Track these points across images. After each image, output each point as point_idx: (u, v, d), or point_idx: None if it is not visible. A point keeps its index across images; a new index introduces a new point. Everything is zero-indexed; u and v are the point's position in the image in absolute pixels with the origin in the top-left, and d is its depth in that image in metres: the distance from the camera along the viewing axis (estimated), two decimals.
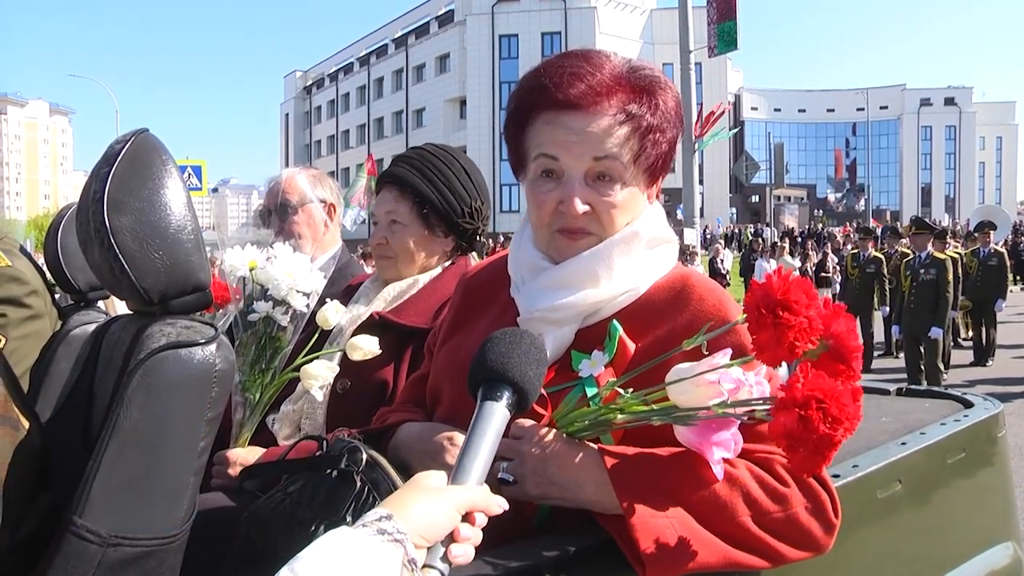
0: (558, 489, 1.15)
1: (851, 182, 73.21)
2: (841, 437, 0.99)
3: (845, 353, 1.05)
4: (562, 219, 1.29)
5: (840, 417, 0.98)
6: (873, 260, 11.77)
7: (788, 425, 0.99)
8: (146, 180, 1.15)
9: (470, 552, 0.88)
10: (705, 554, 1.10)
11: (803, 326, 1.00)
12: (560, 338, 1.30)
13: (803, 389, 0.99)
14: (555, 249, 1.33)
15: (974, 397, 2.09)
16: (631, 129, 1.26)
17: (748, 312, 1.04)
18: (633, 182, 1.30)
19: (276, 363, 1.83)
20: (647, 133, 1.28)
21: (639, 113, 1.27)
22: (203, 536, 1.36)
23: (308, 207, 2.49)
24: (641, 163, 1.29)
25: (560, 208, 1.28)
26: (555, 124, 1.27)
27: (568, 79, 1.26)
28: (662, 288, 1.33)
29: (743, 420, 1.08)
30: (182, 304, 1.18)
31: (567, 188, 1.27)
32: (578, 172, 1.27)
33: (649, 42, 50.06)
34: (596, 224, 1.30)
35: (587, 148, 1.25)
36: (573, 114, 1.25)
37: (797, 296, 1.01)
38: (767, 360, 1.03)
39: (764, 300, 1.02)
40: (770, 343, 1.01)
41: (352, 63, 61.87)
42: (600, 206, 1.28)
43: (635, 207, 1.33)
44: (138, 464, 1.07)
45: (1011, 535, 1.95)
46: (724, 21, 17.99)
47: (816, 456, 1.00)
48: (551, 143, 1.27)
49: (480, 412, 1.00)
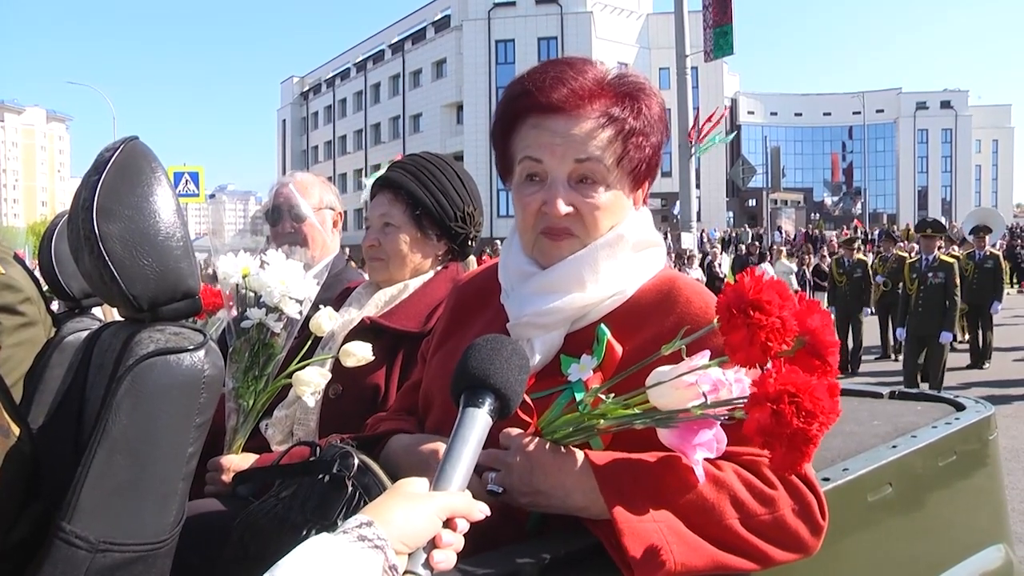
0: (545, 497, 1.16)
1: (848, 186, 73.27)
2: (817, 431, 0.97)
3: (820, 348, 1.03)
4: (545, 220, 1.31)
5: (814, 411, 0.96)
6: (859, 264, 11.80)
7: (762, 421, 0.98)
8: (135, 187, 1.16)
9: (452, 558, 0.88)
10: (693, 557, 1.10)
11: (776, 326, 0.99)
12: (549, 342, 1.31)
13: (775, 384, 0.98)
14: (539, 252, 1.35)
15: (966, 400, 2.10)
16: (614, 132, 1.29)
17: (720, 313, 1.03)
18: (617, 185, 1.32)
19: (269, 370, 1.83)
20: (630, 136, 1.30)
21: (621, 116, 1.29)
22: (196, 541, 1.36)
23: (321, 212, 2.52)
24: (624, 166, 1.31)
25: (544, 209, 1.30)
26: (539, 128, 1.30)
27: (551, 83, 1.28)
28: (649, 291, 1.35)
29: (722, 420, 1.08)
30: (172, 311, 1.18)
31: (551, 190, 1.29)
32: (561, 174, 1.29)
33: (645, 47, 50.10)
34: (579, 226, 1.31)
35: (569, 150, 1.28)
36: (556, 117, 1.28)
37: (770, 296, 0.99)
38: (740, 361, 1.02)
39: (736, 301, 1.01)
40: (743, 344, 1.00)
41: (349, 69, 61.88)
42: (583, 208, 1.30)
43: (619, 210, 1.34)
44: (127, 470, 1.08)
45: (1002, 537, 1.96)
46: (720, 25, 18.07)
47: (794, 452, 0.98)
48: (535, 146, 1.30)
49: (462, 419, 1.00)
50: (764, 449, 1.01)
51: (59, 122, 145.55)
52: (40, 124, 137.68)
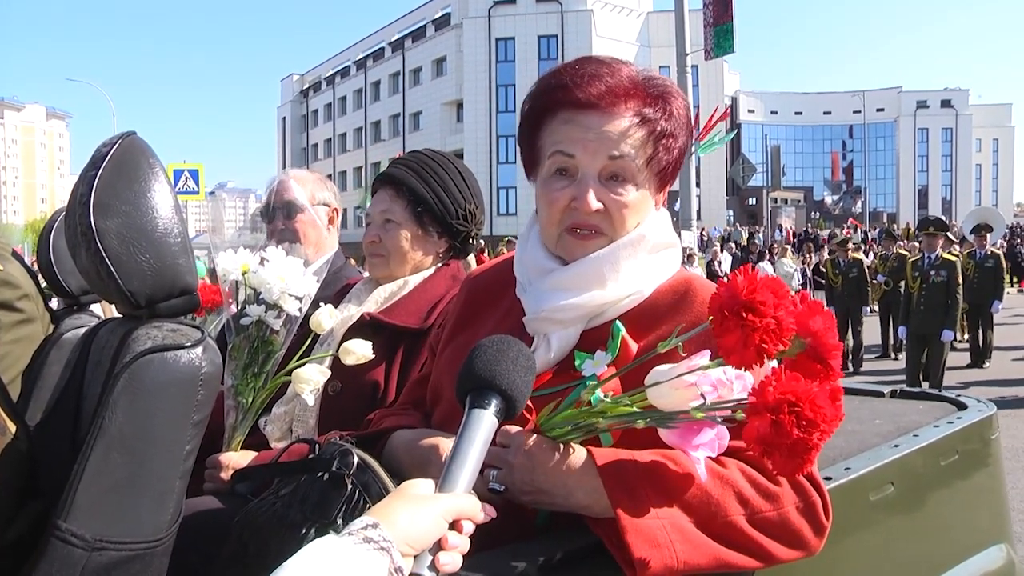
0: (547, 496, 1.15)
1: (848, 184, 73.28)
2: (818, 441, 0.95)
3: (823, 352, 1.01)
4: (574, 216, 1.31)
5: (815, 420, 0.93)
6: (854, 264, 11.78)
7: (761, 430, 0.95)
8: (132, 183, 1.15)
9: (457, 560, 0.87)
10: (696, 555, 1.09)
11: (770, 327, 0.96)
12: (565, 338, 1.31)
13: (774, 392, 0.95)
14: (563, 248, 1.35)
15: (968, 399, 2.09)
16: (647, 133, 1.30)
17: (713, 314, 1.01)
18: (645, 185, 1.33)
19: (268, 367, 1.82)
20: (660, 138, 1.31)
21: (654, 117, 1.30)
22: (195, 539, 1.35)
23: (315, 208, 2.51)
24: (653, 167, 1.32)
25: (573, 205, 1.30)
26: (572, 123, 1.30)
27: (588, 79, 1.29)
28: (666, 291, 1.35)
29: (720, 423, 1.07)
30: (169, 307, 1.17)
31: (581, 185, 1.29)
32: (593, 170, 1.29)
33: (646, 45, 50.08)
34: (607, 224, 1.32)
35: (603, 147, 1.28)
36: (591, 113, 1.28)
37: (764, 297, 0.96)
38: (735, 363, 1.00)
39: (729, 302, 0.98)
40: (737, 346, 0.97)
41: (349, 67, 61.84)
42: (612, 205, 1.30)
43: (645, 210, 1.35)
44: (123, 467, 1.07)
45: (1004, 537, 1.95)
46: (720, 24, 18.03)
47: (795, 459, 0.96)
48: (568, 141, 1.30)
49: (468, 420, 0.99)
50: (764, 457, 1.00)
51: (59, 119, 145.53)
52: (40, 121, 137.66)
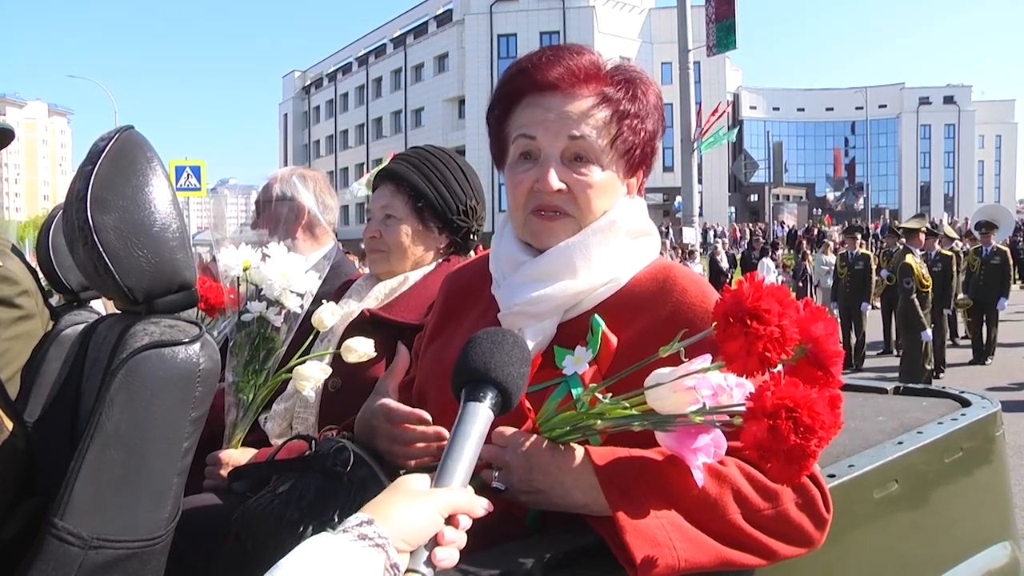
0: (545, 496, 1.14)
1: (850, 181, 73.07)
2: (816, 447, 0.93)
3: (823, 358, 0.99)
4: (537, 198, 1.31)
5: (813, 426, 0.92)
6: (861, 257, 11.75)
7: (758, 435, 0.94)
8: (130, 178, 1.13)
9: (454, 555, 0.86)
10: (697, 554, 1.08)
11: (775, 336, 0.94)
12: (541, 332, 1.30)
13: (772, 398, 0.93)
14: (530, 232, 1.34)
15: (972, 396, 2.07)
16: (609, 113, 1.30)
17: (717, 321, 0.99)
18: (611, 167, 1.32)
19: (270, 364, 1.81)
20: (624, 118, 1.31)
21: (616, 97, 1.31)
22: (194, 536, 1.35)
23: (300, 204, 2.50)
24: (618, 147, 1.32)
25: (536, 186, 1.30)
26: (534, 106, 1.31)
27: (547, 62, 1.31)
28: (644, 280, 1.33)
29: (718, 427, 1.05)
30: (167, 303, 1.16)
31: (544, 166, 1.30)
32: (555, 151, 1.30)
33: (648, 41, 49.99)
34: (572, 205, 1.31)
35: (564, 127, 1.28)
36: (552, 95, 1.29)
37: (769, 305, 0.94)
38: (737, 371, 0.98)
39: (733, 309, 0.96)
40: (740, 354, 0.95)
41: (351, 63, 61.79)
42: (576, 186, 1.30)
43: (612, 193, 1.34)
44: (121, 465, 1.06)
45: (1008, 534, 1.94)
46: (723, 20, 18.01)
47: (792, 465, 0.95)
48: (530, 123, 1.31)
49: (463, 413, 0.98)
50: (761, 462, 0.99)
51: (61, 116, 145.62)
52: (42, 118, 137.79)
